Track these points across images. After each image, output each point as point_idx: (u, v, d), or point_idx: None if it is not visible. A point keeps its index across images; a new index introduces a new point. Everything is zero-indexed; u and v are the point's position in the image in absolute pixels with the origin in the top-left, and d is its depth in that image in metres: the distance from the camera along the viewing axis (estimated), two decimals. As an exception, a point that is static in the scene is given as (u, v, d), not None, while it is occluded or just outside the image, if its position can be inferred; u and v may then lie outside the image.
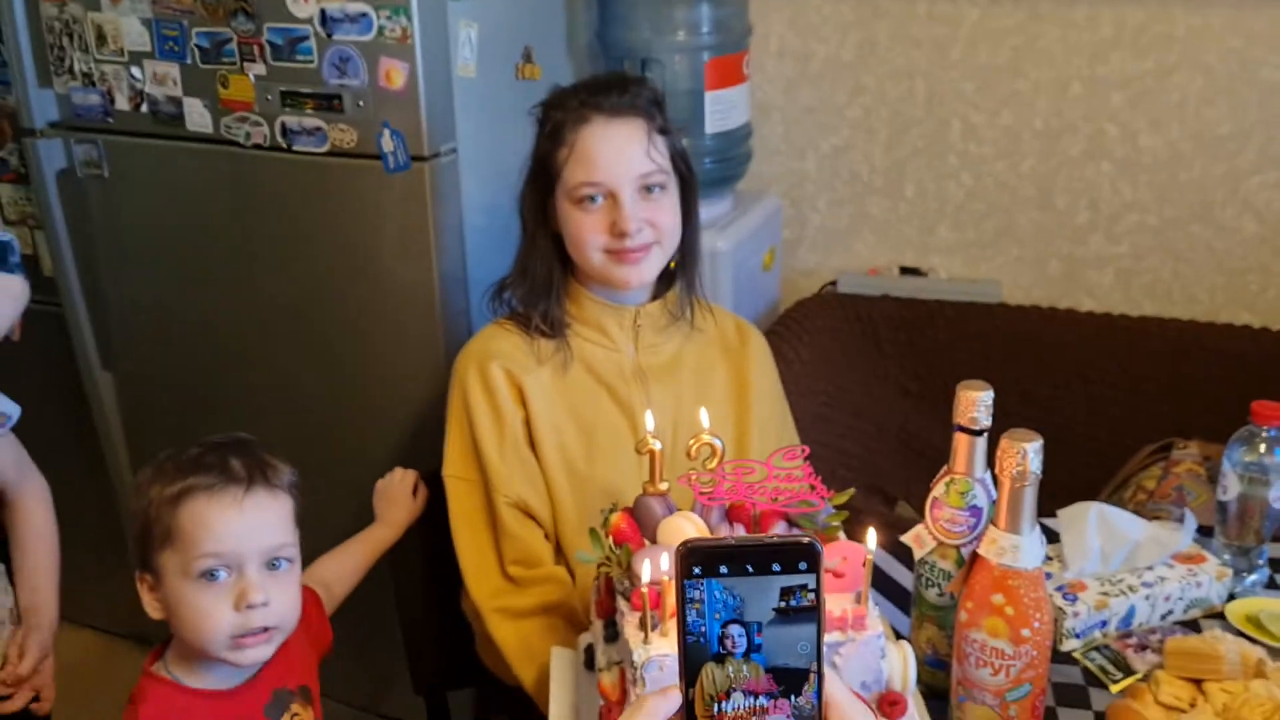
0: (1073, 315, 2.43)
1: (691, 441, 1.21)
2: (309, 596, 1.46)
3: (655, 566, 1.06)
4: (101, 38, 2.01)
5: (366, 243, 1.95)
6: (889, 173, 2.55)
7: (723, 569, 0.64)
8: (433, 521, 1.64)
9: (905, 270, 2.57)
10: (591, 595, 1.30)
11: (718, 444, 1.20)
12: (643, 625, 1.08)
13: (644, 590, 1.05)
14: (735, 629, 0.65)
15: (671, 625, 1.08)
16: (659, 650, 1.06)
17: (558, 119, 1.50)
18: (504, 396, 1.52)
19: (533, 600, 1.49)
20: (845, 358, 2.47)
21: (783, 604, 0.64)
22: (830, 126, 2.56)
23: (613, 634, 1.20)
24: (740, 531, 1.16)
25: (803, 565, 0.64)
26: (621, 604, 1.13)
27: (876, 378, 2.47)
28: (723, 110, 2.29)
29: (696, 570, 0.64)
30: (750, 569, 0.64)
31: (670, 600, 1.07)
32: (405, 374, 2.01)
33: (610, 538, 1.19)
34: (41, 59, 2.08)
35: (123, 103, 2.05)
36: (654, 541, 1.18)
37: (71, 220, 2.18)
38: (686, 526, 1.16)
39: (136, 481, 1.24)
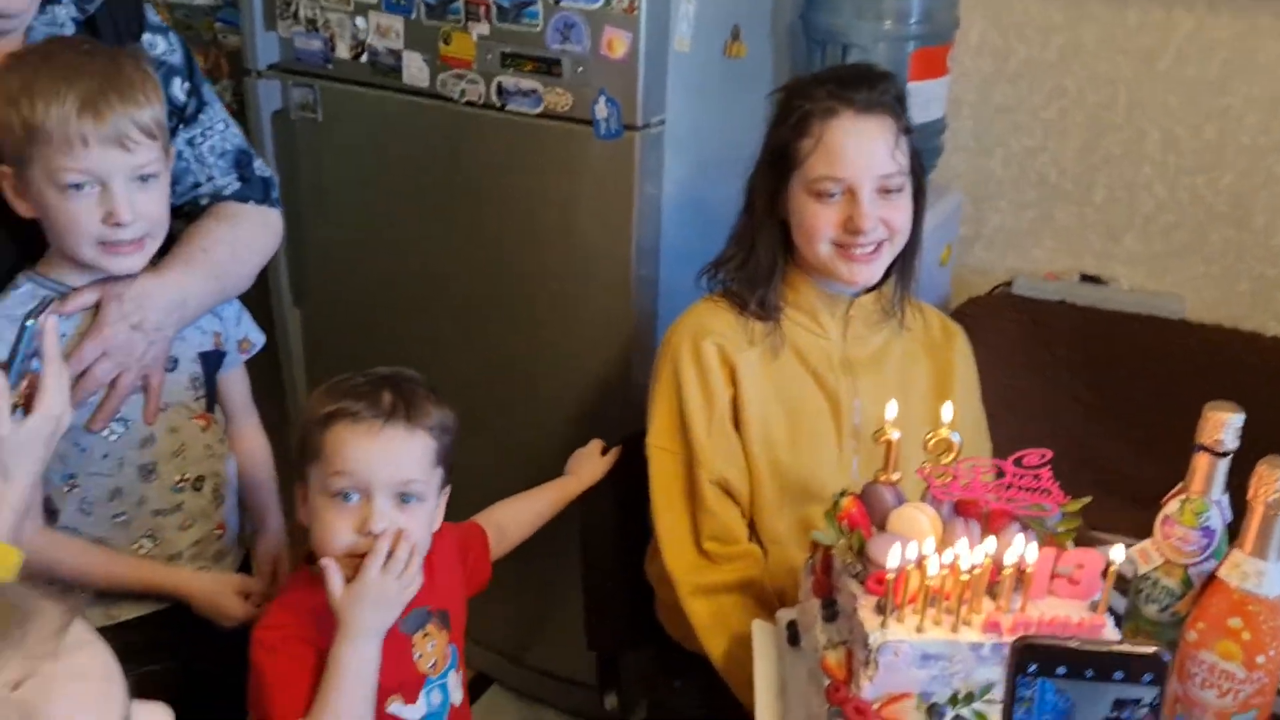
0: (1258, 339, 2.37)
1: (929, 435, 1.22)
2: (476, 533, 1.53)
3: (901, 554, 1.08)
4: (331, -15, 2.08)
5: (568, 205, 2.00)
6: (1079, 178, 2.51)
7: (1060, 670, 0.60)
8: (623, 483, 1.68)
9: (1085, 277, 2.53)
10: (804, 574, 1.33)
11: (955, 439, 1.22)
12: (880, 609, 1.10)
13: (889, 576, 1.07)
14: None
15: (909, 612, 1.10)
16: (895, 635, 1.08)
17: (804, 109, 1.50)
18: (715, 375, 1.55)
19: (727, 576, 1.53)
20: (1016, 359, 2.44)
21: (1115, 715, 0.60)
22: (1023, 126, 2.53)
23: (831, 613, 1.23)
24: (974, 529, 1.17)
25: (1147, 678, 0.60)
26: (853, 586, 1.15)
27: (1048, 382, 2.44)
28: (922, 102, 2.27)
29: (1032, 668, 0.60)
30: (1090, 674, 0.60)
31: (909, 586, 1.10)
32: (592, 337, 2.06)
33: (842, 521, 1.21)
34: (269, 3, 2.16)
35: (343, 51, 2.12)
36: (882, 528, 1.20)
37: (280, 160, 2.27)
38: (920, 517, 1.17)
39: (309, 398, 1.33)
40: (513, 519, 1.60)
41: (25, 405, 1.18)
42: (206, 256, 1.45)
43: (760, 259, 1.57)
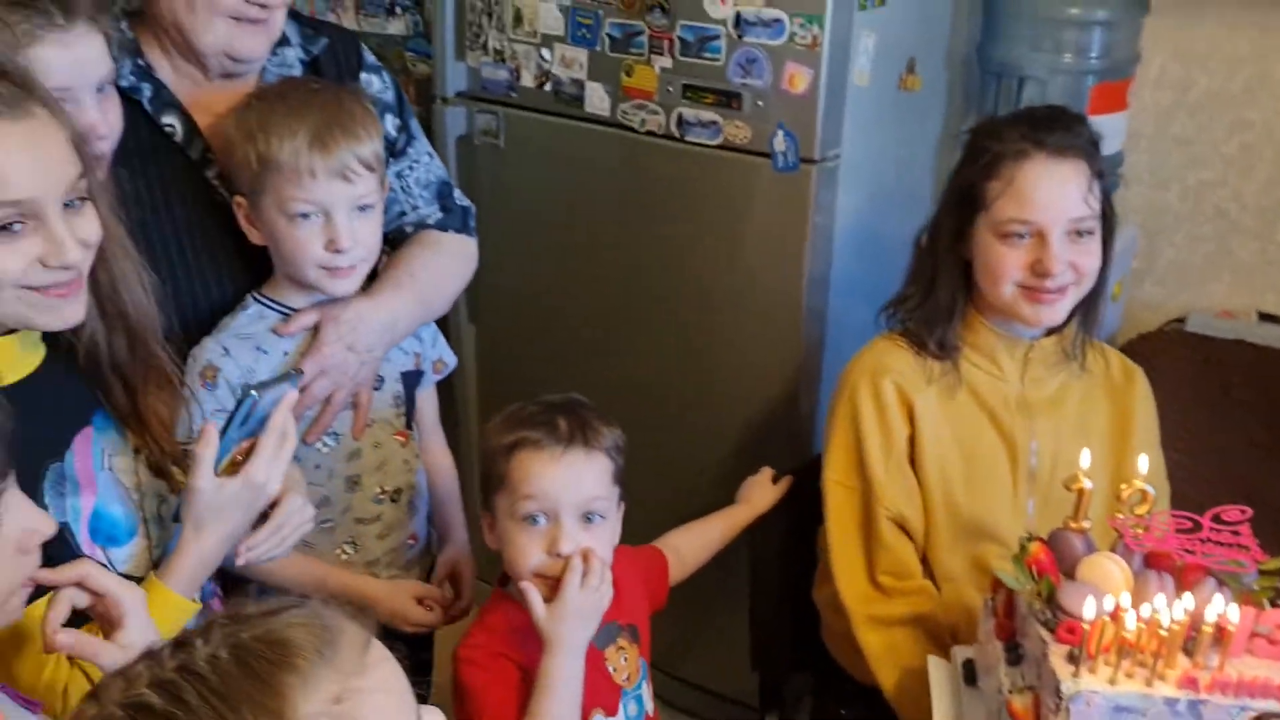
0: None
1: (1124, 486, 1.22)
2: (656, 557, 1.58)
3: (1097, 604, 1.08)
4: (518, 19, 2.17)
5: (741, 235, 2.04)
6: (1262, 213, 2.43)
7: None
8: (793, 510, 1.71)
9: (1264, 316, 2.46)
10: (984, 615, 1.34)
11: (1150, 490, 1.21)
12: (1072, 659, 1.11)
13: (1084, 626, 1.08)
14: None
15: (1101, 663, 1.11)
16: (1088, 685, 1.09)
17: (995, 150, 1.50)
18: (894, 413, 1.57)
19: (902, 610, 1.54)
20: (1188, 398, 2.38)
21: None
22: (1202, 159, 2.46)
23: (1016, 657, 1.24)
24: (1168, 583, 1.17)
25: None
26: (1042, 633, 1.16)
27: (1221, 422, 2.37)
28: (1101, 137, 2.24)
29: None
30: None
31: (1103, 637, 1.10)
32: (761, 366, 2.09)
33: (1031, 567, 1.22)
34: (460, 34, 2.26)
35: (528, 80, 2.20)
36: (1071, 576, 1.21)
37: (462, 182, 2.36)
38: (1113, 568, 1.18)
39: (484, 429, 1.39)
40: (689, 546, 1.65)
41: (234, 468, 1.20)
42: (414, 282, 1.54)
43: (940, 298, 1.58)
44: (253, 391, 1.17)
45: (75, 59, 1.22)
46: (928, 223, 1.62)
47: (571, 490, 1.32)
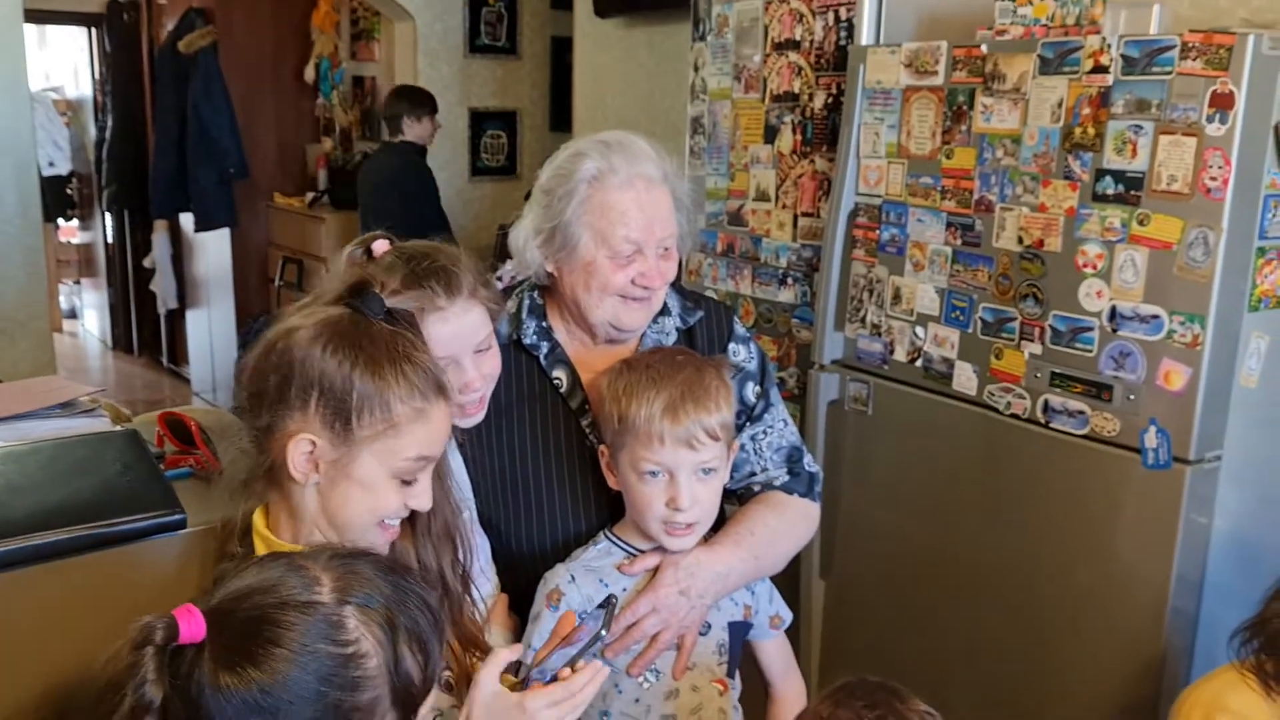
0: None
1: None
2: None
3: None
4: (897, 297, 2.29)
5: (1107, 527, 1.96)
6: None
7: None
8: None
9: None
10: None
11: None
12: None
13: None
14: None
15: None
16: None
17: None
18: None
19: None
20: None
21: None
22: None
23: None
24: None
25: None
26: None
27: None
28: None
29: None
30: None
31: None
32: (1114, 668, 1.96)
33: None
34: (841, 307, 2.41)
35: (900, 354, 2.30)
36: None
37: (829, 443, 2.47)
38: None
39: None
40: None
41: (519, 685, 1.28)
42: (753, 539, 1.63)
43: None
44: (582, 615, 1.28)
45: (455, 331, 1.46)
46: None
47: None
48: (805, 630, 2.57)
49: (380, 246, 1.52)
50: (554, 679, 1.28)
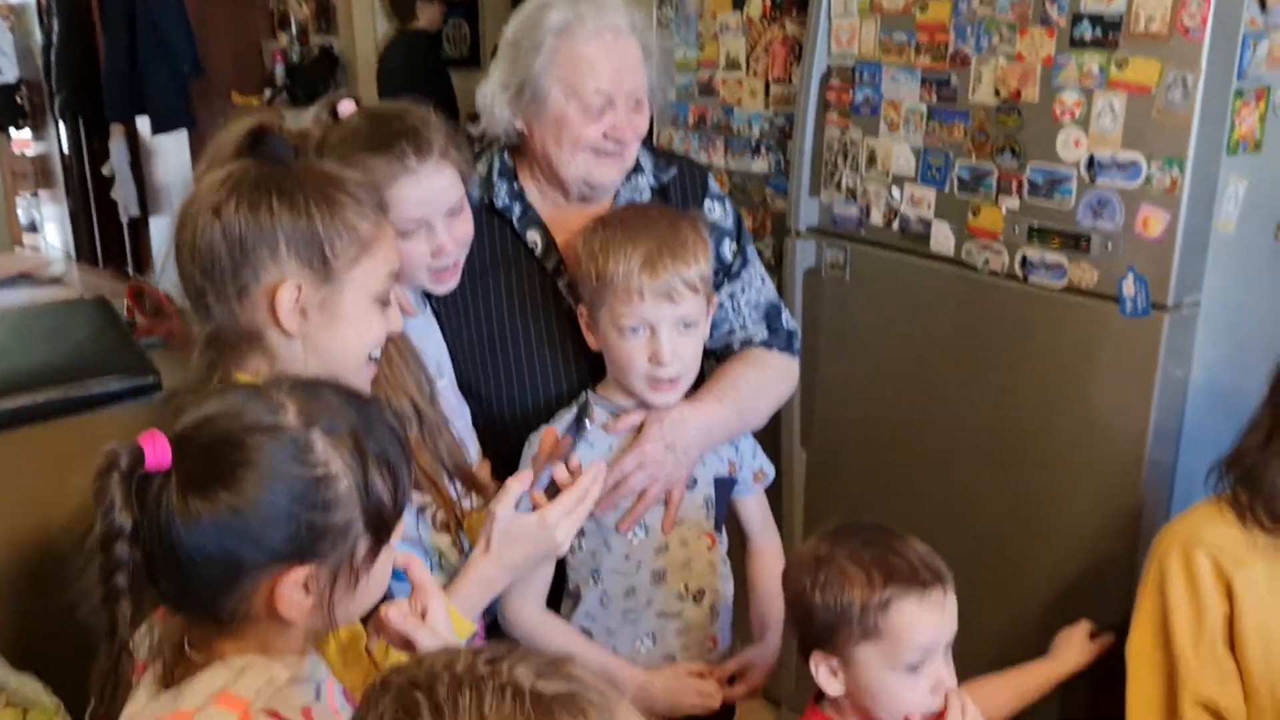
0: None
1: None
2: None
3: None
4: (872, 160, 2.26)
5: (1085, 379, 1.96)
6: None
7: None
8: (1108, 674, 1.59)
9: None
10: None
11: None
12: None
13: None
14: None
15: None
16: None
17: None
18: (1208, 589, 1.45)
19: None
20: None
21: None
22: None
23: None
24: None
25: None
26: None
27: None
28: None
29: None
30: None
31: None
32: (1096, 520, 1.98)
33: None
34: (816, 173, 2.38)
35: (876, 218, 2.27)
36: None
37: (807, 311, 2.46)
38: None
39: (805, 570, 1.34)
40: (993, 698, 1.58)
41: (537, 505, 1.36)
42: (735, 395, 1.63)
43: (1278, 453, 1.44)
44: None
45: (426, 194, 1.43)
46: (1275, 364, 1.49)
47: (948, 631, 1.32)
48: (788, 499, 2.59)
49: (346, 107, 1.48)
50: (555, 490, 1.31)
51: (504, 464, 1.60)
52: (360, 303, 1.22)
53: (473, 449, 1.61)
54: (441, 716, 0.72)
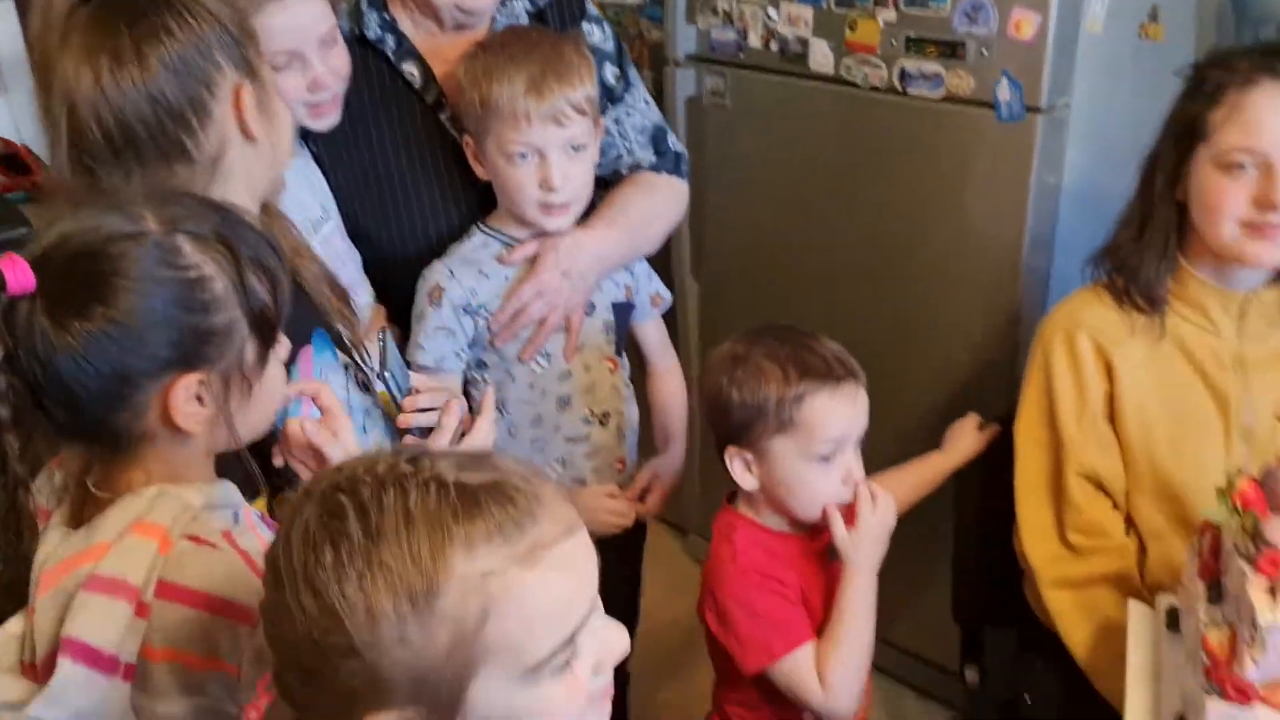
0: None
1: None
2: None
3: (1299, 535, 1.03)
4: (747, -20, 2.22)
5: (964, 189, 2.01)
6: None
7: None
8: (998, 460, 1.68)
9: None
10: (1188, 558, 1.29)
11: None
12: (1273, 592, 1.06)
13: (1282, 555, 1.03)
14: None
15: (1303, 597, 1.05)
16: (1286, 618, 1.04)
17: (1219, 79, 1.42)
18: (1089, 368, 1.52)
19: (1092, 568, 1.51)
20: None
21: None
22: None
23: (1216, 595, 1.18)
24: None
25: None
26: (1244, 566, 1.11)
27: None
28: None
29: None
30: None
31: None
32: (977, 321, 2.06)
33: (1236, 501, 1.16)
34: (691, -1, 2.34)
35: (754, 40, 2.25)
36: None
37: (691, 142, 2.43)
38: (1324, 503, 1.11)
39: (723, 370, 1.40)
40: (890, 491, 1.65)
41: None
42: (626, 219, 1.62)
43: (1151, 244, 1.50)
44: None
45: (296, 22, 1.37)
46: (1143, 160, 1.54)
47: (860, 425, 1.39)
48: (683, 329, 2.61)
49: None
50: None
51: (401, 307, 1.58)
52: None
53: (365, 294, 1.58)
54: (367, 517, 0.72)
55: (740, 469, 1.39)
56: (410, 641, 0.71)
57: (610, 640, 0.80)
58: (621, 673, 0.83)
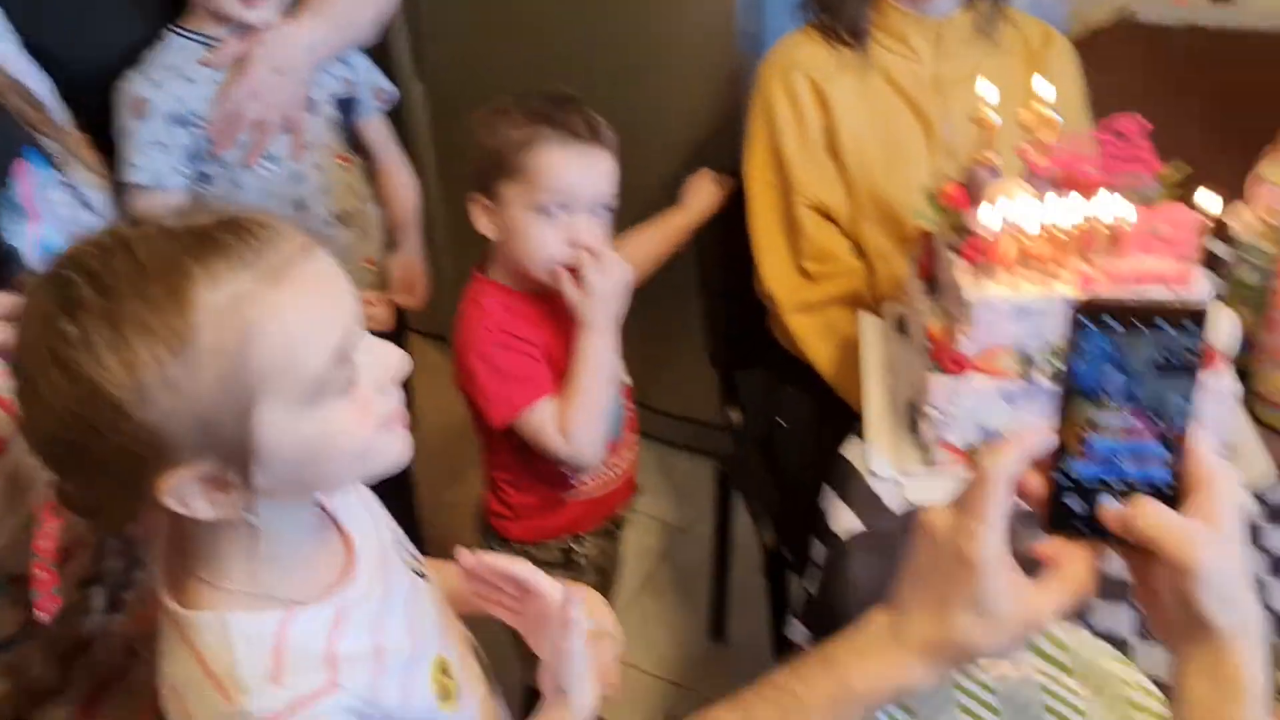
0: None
1: (1022, 110, 1.26)
2: None
3: (997, 213, 1.13)
4: None
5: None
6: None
7: (1112, 321, 0.67)
8: (735, 209, 1.75)
9: (1215, -1, 2.44)
10: (909, 265, 1.40)
11: (1057, 118, 1.25)
12: (976, 271, 1.17)
13: (984, 235, 1.13)
14: (1116, 377, 0.67)
15: (1002, 270, 1.17)
16: (990, 292, 1.15)
17: None
18: (807, 104, 1.60)
19: (829, 291, 1.61)
20: (1140, 95, 2.38)
21: (1163, 360, 0.66)
22: None
23: (933, 289, 1.30)
24: (1069, 199, 1.21)
25: (1187, 324, 0.65)
26: (951, 256, 1.22)
27: (1175, 117, 2.38)
28: None
29: (1086, 321, 0.67)
30: (1136, 324, 0.67)
31: (1003, 249, 1.16)
32: (697, 90, 2.12)
33: (943, 202, 1.27)
34: None
35: None
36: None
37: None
38: (1017, 191, 1.22)
39: (482, 120, 1.40)
40: (636, 256, 1.69)
41: None
42: (332, 7, 1.54)
43: None
44: None
45: None
46: None
47: (593, 185, 1.38)
48: (415, 134, 2.55)
49: None
50: None
51: (100, 129, 1.46)
52: None
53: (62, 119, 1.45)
54: (99, 280, 0.69)
55: (478, 215, 1.42)
56: (177, 385, 0.69)
57: (387, 356, 0.80)
58: (406, 482, 0.83)
